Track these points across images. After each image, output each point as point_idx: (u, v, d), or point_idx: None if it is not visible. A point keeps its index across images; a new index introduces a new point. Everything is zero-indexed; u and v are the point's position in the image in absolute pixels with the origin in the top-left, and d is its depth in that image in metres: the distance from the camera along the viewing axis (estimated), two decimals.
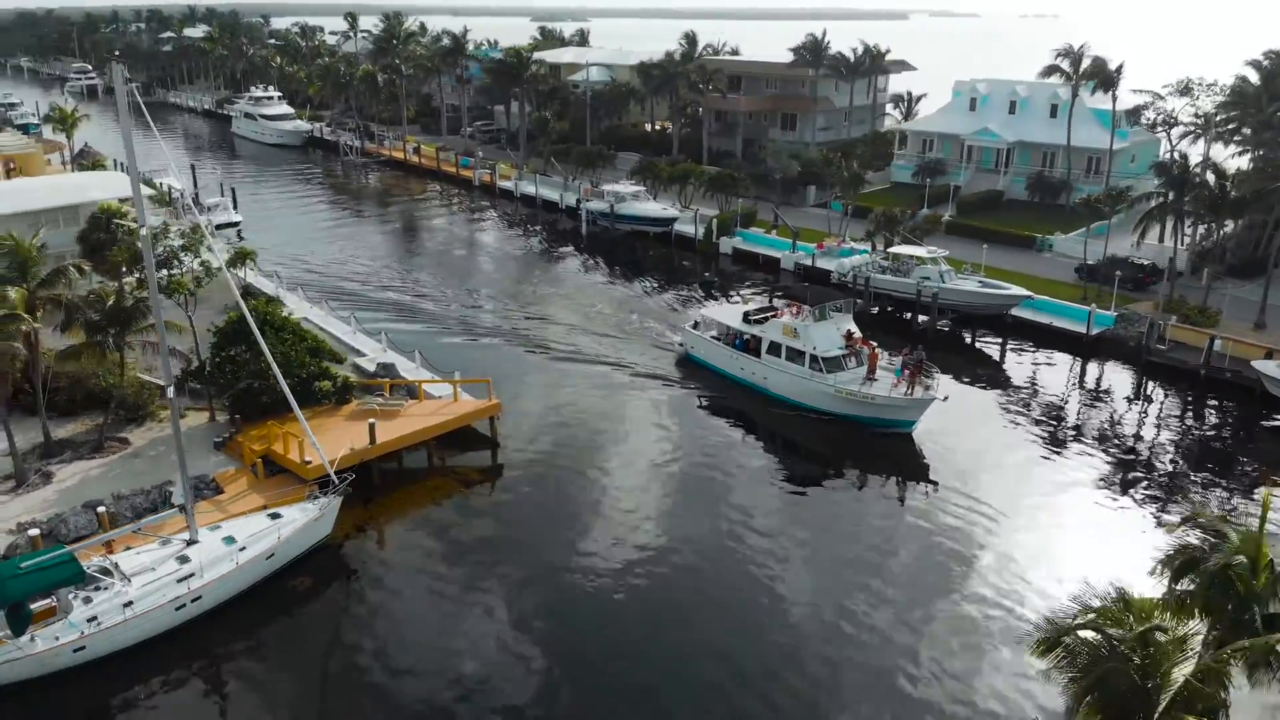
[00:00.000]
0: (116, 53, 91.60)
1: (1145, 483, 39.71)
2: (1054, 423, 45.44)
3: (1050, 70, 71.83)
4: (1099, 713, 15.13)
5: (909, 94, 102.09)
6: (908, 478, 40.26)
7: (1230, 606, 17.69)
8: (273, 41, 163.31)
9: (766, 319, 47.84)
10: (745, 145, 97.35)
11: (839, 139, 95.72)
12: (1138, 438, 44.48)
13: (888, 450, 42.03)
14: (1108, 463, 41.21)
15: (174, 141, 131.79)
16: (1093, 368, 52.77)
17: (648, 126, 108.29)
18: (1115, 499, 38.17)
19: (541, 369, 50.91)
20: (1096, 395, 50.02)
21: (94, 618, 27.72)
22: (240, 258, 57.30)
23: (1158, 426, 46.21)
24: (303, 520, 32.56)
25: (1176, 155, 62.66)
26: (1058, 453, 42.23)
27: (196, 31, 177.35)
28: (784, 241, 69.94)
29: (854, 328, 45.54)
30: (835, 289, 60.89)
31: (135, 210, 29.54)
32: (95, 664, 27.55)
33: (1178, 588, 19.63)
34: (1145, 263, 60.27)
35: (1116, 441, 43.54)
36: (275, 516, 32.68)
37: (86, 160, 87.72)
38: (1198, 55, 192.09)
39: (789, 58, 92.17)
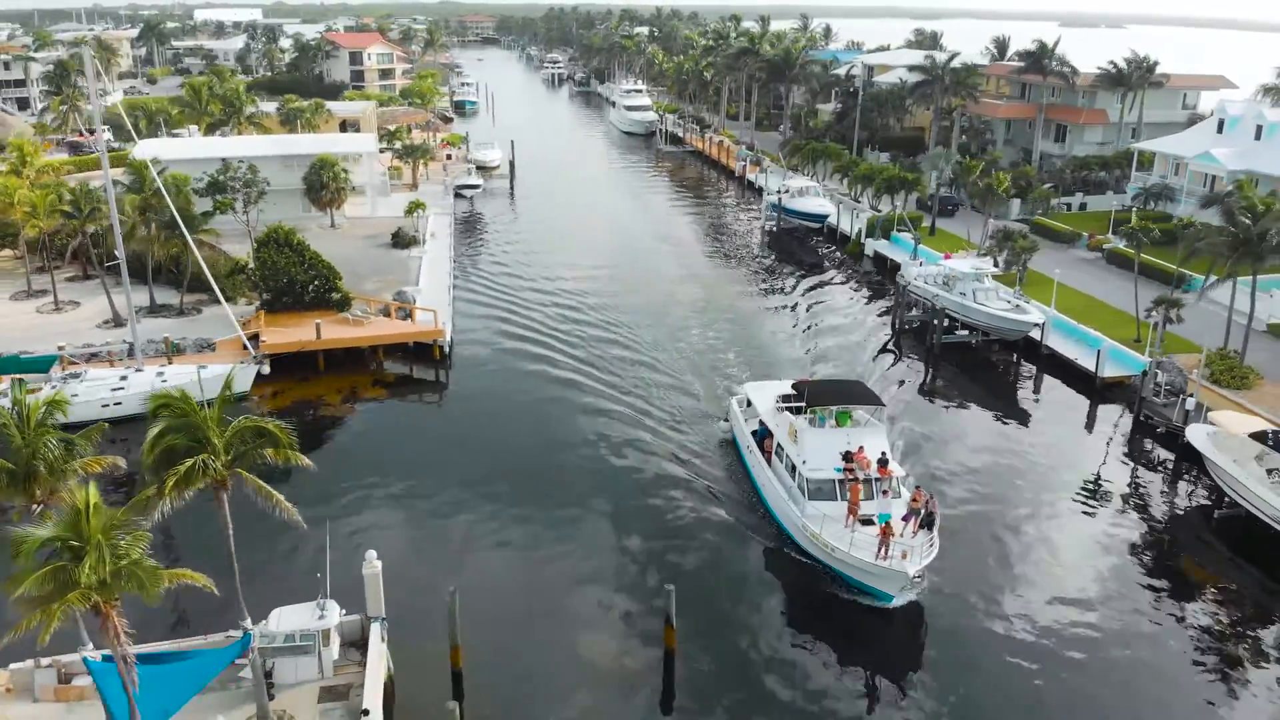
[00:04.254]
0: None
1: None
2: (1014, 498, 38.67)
3: (1267, 90, 61.39)
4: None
5: (1211, 112, 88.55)
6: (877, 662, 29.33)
7: None
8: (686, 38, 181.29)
9: (800, 408, 35.73)
10: (1024, 154, 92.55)
11: (1109, 154, 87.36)
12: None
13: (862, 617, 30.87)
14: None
15: (597, 127, 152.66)
16: (1099, 415, 47.06)
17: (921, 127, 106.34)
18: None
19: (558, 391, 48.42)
20: (1069, 455, 42.83)
21: None
22: (414, 208, 73.35)
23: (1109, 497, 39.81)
24: (217, 374, 45.34)
25: None
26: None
27: (621, 32, 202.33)
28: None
29: (872, 444, 33.77)
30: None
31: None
32: None
33: None
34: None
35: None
36: (203, 369, 45.95)
37: (432, 128, 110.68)
38: None
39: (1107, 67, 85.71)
